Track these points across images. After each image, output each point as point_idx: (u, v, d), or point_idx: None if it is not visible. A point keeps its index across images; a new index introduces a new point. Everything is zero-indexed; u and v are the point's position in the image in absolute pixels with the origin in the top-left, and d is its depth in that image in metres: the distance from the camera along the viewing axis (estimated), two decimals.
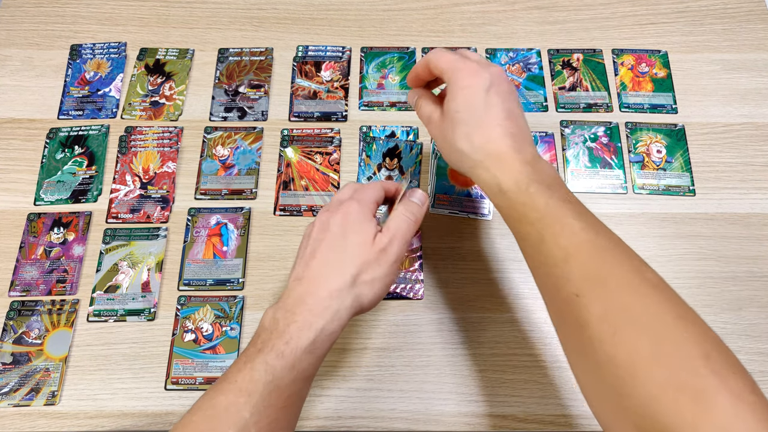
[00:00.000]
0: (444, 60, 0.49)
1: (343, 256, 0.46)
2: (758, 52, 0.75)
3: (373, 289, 0.46)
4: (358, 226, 0.47)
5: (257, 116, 0.72)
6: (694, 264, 0.63)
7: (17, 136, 0.70)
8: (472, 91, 0.47)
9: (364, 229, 0.47)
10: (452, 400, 0.57)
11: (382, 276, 0.46)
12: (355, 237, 0.46)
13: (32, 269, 0.63)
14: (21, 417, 0.57)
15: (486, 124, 0.47)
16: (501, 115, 0.47)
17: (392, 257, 0.47)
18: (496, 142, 0.46)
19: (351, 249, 0.46)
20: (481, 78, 0.47)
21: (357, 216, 0.47)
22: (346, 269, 0.45)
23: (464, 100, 0.47)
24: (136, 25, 0.78)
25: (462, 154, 0.48)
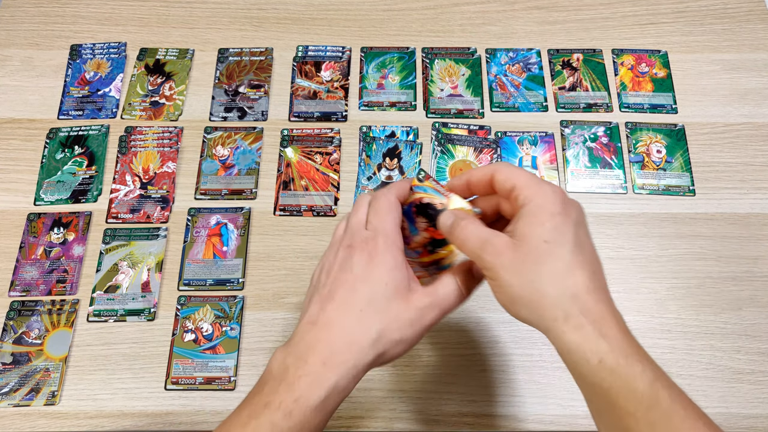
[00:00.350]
0: (521, 175, 0.39)
1: (368, 307, 0.39)
2: (758, 52, 0.75)
3: (397, 349, 0.40)
4: (387, 273, 0.40)
5: (257, 116, 0.72)
6: (694, 264, 0.63)
7: (17, 136, 0.70)
8: (564, 221, 0.37)
9: (395, 277, 0.40)
10: (452, 400, 0.57)
11: (411, 338, 0.40)
12: (383, 286, 0.40)
13: (32, 269, 0.63)
14: (21, 417, 0.57)
15: (582, 265, 0.37)
16: (595, 259, 0.38)
17: (427, 323, 0.40)
18: (595, 293, 0.36)
19: (378, 299, 0.40)
20: (573, 208, 0.39)
21: (384, 257, 0.40)
22: (371, 323, 0.39)
23: (556, 230, 0.37)
24: (136, 25, 0.78)
25: (545, 298, 0.36)
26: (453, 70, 0.74)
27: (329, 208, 0.66)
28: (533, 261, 0.37)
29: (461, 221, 0.41)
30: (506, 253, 0.38)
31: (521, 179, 0.39)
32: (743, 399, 0.57)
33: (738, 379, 0.58)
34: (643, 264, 0.63)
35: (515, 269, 0.37)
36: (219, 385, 0.58)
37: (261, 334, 0.60)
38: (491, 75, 0.74)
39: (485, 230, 0.40)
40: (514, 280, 0.37)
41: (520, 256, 0.37)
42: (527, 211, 0.38)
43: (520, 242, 0.37)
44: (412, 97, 0.73)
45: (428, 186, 0.45)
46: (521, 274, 0.37)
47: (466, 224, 0.40)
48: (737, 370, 0.58)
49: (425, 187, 0.45)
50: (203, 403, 0.57)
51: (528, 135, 0.70)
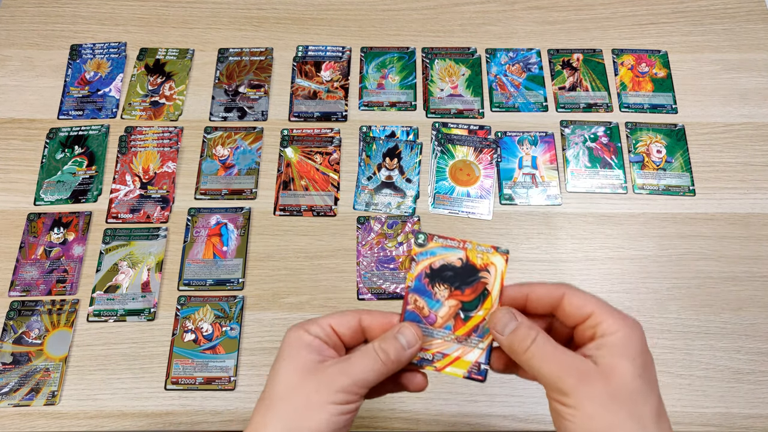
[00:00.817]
0: (599, 303, 0.36)
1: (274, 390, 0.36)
2: (758, 52, 0.75)
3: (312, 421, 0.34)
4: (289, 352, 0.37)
5: (257, 116, 0.72)
6: (694, 264, 0.63)
7: (17, 136, 0.70)
8: (651, 360, 0.35)
9: (298, 355, 0.36)
10: (452, 400, 0.57)
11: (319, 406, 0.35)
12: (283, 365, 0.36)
13: (32, 269, 0.63)
14: (21, 417, 0.57)
15: (664, 413, 0.35)
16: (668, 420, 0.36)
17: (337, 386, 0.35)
18: None
19: (280, 379, 0.36)
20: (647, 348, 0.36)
21: (287, 341, 0.37)
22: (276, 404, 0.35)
23: (646, 367, 0.35)
24: (136, 25, 0.78)
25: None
26: (453, 70, 0.74)
27: (329, 208, 0.66)
28: (626, 396, 0.34)
29: (530, 333, 0.36)
30: (596, 381, 0.34)
31: (602, 307, 0.36)
32: (743, 399, 0.57)
33: (738, 379, 0.58)
34: (643, 264, 0.63)
35: (602, 401, 0.34)
36: (219, 385, 0.58)
37: (261, 334, 0.60)
38: (491, 75, 0.74)
39: (564, 351, 0.36)
40: (597, 412, 0.34)
41: (611, 389, 0.34)
42: (614, 342, 0.35)
43: (610, 372, 0.34)
44: (412, 97, 0.73)
45: (435, 247, 0.40)
46: (612, 409, 0.33)
47: (542, 341, 0.36)
48: (737, 370, 0.58)
49: (431, 250, 0.40)
50: (203, 403, 0.57)
51: (528, 135, 0.70)
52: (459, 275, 0.39)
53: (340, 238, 0.65)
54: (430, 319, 0.39)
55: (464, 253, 0.39)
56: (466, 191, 0.67)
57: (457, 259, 0.39)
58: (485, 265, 0.39)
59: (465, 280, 0.39)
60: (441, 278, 0.39)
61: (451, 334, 0.39)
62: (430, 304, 0.39)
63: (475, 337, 0.39)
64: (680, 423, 0.56)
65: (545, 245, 0.64)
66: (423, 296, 0.39)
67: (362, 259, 0.63)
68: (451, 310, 0.39)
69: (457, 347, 0.39)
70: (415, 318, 0.39)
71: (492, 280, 0.39)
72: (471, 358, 0.39)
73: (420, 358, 0.39)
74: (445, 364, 0.40)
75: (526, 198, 0.67)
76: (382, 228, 0.65)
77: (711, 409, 0.57)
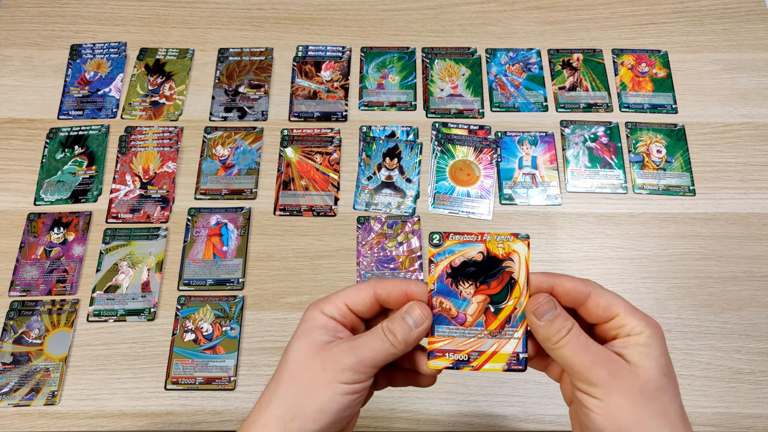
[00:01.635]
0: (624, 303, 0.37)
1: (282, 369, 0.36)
2: (758, 52, 0.75)
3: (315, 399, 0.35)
4: (302, 332, 0.37)
5: (257, 116, 0.72)
6: (694, 264, 0.63)
7: (17, 136, 0.70)
8: (670, 361, 0.37)
9: (311, 335, 0.36)
10: (452, 400, 0.57)
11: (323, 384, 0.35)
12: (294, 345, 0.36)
13: (32, 269, 0.63)
14: (21, 417, 0.57)
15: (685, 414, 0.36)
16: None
17: (343, 365, 0.35)
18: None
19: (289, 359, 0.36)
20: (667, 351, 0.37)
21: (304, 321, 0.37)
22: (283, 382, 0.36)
23: (669, 366, 0.36)
24: (136, 25, 0.78)
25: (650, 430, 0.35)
26: (453, 70, 0.74)
27: (329, 208, 0.66)
28: (654, 393, 0.35)
29: (568, 325, 0.36)
30: (626, 376, 0.35)
31: (627, 309, 0.37)
32: (743, 399, 0.57)
33: (738, 379, 0.58)
34: (643, 264, 0.63)
35: (631, 396, 0.35)
36: (219, 385, 0.58)
37: (261, 334, 0.60)
38: (491, 75, 0.74)
39: (598, 345, 0.36)
40: (625, 406, 0.34)
41: (640, 384, 0.35)
42: (642, 341, 0.36)
43: (638, 369, 0.35)
44: (412, 97, 0.73)
45: (452, 245, 0.39)
46: (640, 403, 0.35)
47: (577, 332, 0.36)
48: (737, 370, 0.58)
49: (448, 248, 0.39)
50: (203, 403, 0.57)
51: (528, 135, 0.70)
52: (482, 269, 0.38)
53: (340, 238, 0.65)
54: (460, 319, 0.38)
55: (484, 245, 0.39)
56: (466, 191, 0.67)
57: (477, 253, 0.39)
58: (507, 254, 0.39)
59: (489, 272, 0.39)
60: (464, 275, 0.39)
61: (484, 330, 0.38)
62: (456, 303, 0.38)
63: (509, 328, 0.38)
64: None
65: (545, 245, 0.64)
66: (448, 297, 0.38)
67: (362, 259, 0.63)
68: (480, 306, 0.38)
69: (492, 342, 0.39)
70: (444, 321, 0.38)
71: (517, 268, 0.38)
72: (508, 350, 0.38)
73: (455, 360, 0.38)
74: (483, 361, 0.39)
75: (526, 198, 0.67)
76: (382, 228, 0.65)
77: (711, 409, 0.57)
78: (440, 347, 0.38)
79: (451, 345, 0.38)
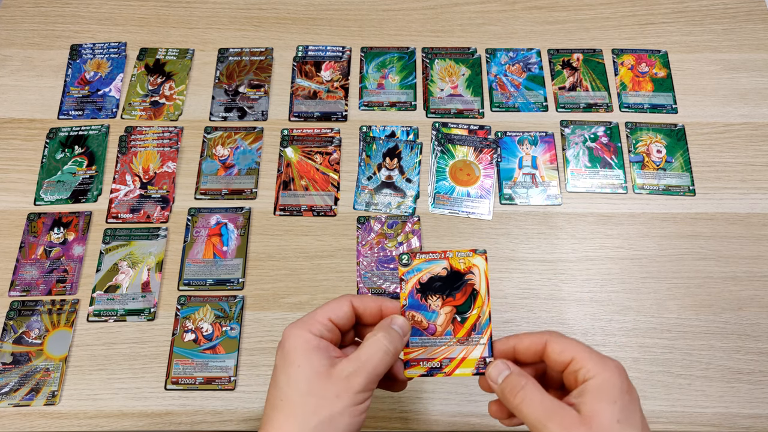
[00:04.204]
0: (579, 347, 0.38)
1: (291, 398, 0.37)
2: (758, 52, 0.75)
3: (340, 425, 0.36)
4: (299, 357, 0.37)
5: (257, 116, 0.72)
6: (694, 264, 0.63)
7: (17, 136, 0.70)
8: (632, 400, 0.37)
9: (310, 360, 0.37)
10: (452, 400, 0.57)
11: (341, 411, 0.36)
12: (297, 372, 0.37)
13: (32, 269, 0.63)
14: (21, 417, 0.57)
15: None
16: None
17: (356, 388, 0.37)
18: None
19: (295, 387, 0.37)
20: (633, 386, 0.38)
21: (293, 344, 0.38)
22: (296, 412, 0.36)
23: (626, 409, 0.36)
24: (136, 25, 0.78)
25: None
26: (453, 70, 0.74)
27: (329, 208, 0.66)
28: None
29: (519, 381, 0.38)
30: (575, 427, 0.35)
31: (581, 352, 0.38)
32: (743, 399, 0.57)
33: (738, 379, 0.58)
34: (643, 264, 0.63)
35: None
36: (219, 385, 0.58)
37: (261, 334, 0.60)
38: (491, 75, 0.74)
39: (550, 399, 0.37)
40: None
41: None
42: (594, 387, 0.36)
43: (590, 419, 0.36)
44: (412, 97, 0.73)
45: (419, 263, 0.43)
46: None
47: (526, 387, 0.38)
48: (737, 370, 0.58)
49: (416, 267, 0.43)
50: (203, 403, 0.57)
51: (528, 135, 0.70)
52: (447, 283, 0.43)
53: (340, 238, 0.65)
54: (430, 329, 0.42)
55: (447, 262, 0.43)
56: (466, 191, 0.67)
57: (441, 269, 0.43)
58: (468, 268, 0.43)
59: (453, 285, 0.43)
60: (431, 290, 0.42)
61: (453, 338, 0.42)
62: (427, 316, 0.42)
63: (474, 335, 0.42)
64: (680, 423, 0.56)
65: (545, 245, 0.64)
66: (419, 311, 0.42)
67: (362, 259, 0.63)
68: (448, 317, 0.42)
69: (460, 349, 0.42)
70: (416, 332, 0.42)
71: (478, 280, 0.43)
72: (476, 355, 0.42)
73: (429, 368, 0.42)
74: (453, 367, 0.42)
75: (526, 198, 0.67)
76: (382, 228, 0.65)
77: (711, 409, 0.57)
78: (415, 357, 0.42)
79: (425, 354, 0.42)
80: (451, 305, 0.42)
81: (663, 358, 0.59)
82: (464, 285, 0.43)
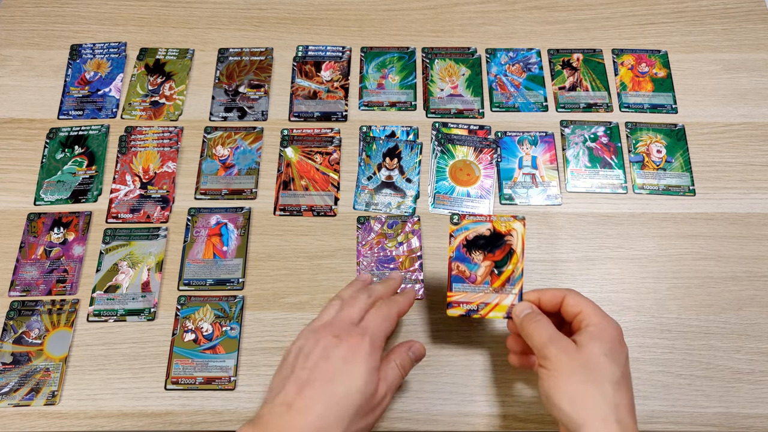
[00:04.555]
0: (589, 304, 0.47)
1: (345, 400, 0.42)
2: (758, 52, 0.75)
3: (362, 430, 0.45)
4: (368, 373, 0.44)
5: (257, 116, 0.72)
6: (694, 264, 0.63)
7: (17, 136, 0.70)
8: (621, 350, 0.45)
9: (373, 379, 0.44)
10: (452, 400, 0.57)
11: (372, 421, 0.45)
12: (361, 383, 0.43)
13: (32, 269, 0.63)
14: (21, 417, 0.57)
15: (628, 388, 0.44)
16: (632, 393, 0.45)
17: (384, 407, 0.46)
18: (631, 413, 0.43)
19: (354, 394, 0.43)
20: (625, 347, 0.46)
21: (368, 358, 0.44)
22: (345, 415, 0.42)
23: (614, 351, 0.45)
24: (136, 25, 0.78)
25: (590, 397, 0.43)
26: (453, 70, 0.74)
27: (329, 208, 0.66)
28: (591, 366, 0.44)
29: (536, 316, 0.48)
30: (571, 353, 0.45)
31: (589, 307, 0.47)
32: (743, 399, 0.57)
33: (738, 379, 0.58)
34: (643, 264, 0.63)
35: (574, 367, 0.44)
36: (219, 385, 0.58)
37: (261, 334, 0.60)
38: (491, 75, 0.74)
39: (556, 331, 0.47)
40: (570, 375, 0.44)
41: (582, 359, 0.44)
42: (592, 330, 0.46)
43: (582, 348, 0.45)
44: (412, 97, 0.73)
45: (467, 224, 0.52)
46: (578, 372, 0.43)
47: (540, 320, 0.48)
48: (737, 370, 0.58)
49: (465, 226, 0.52)
50: (203, 403, 0.57)
51: (528, 135, 0.70)
52: (489, 242, 0.52)
53: (340, 238, 0.65)
54: (472, 278, 0.52)
55: (491, 224, 0.52)
56: (466, 191, 0.67)
57: (486, 229, 0.52)
58: (508, 230, 0.52)
59: (494, 244, 0.52)
60: (476, 246, 0.52)
61: (490, 287, 0.52)
62: (470, 267, 0.52)
63: (508, 286, 0.51)
64: (680, 423, 0.56)
65: (545, 245, 0.64)
66: (463, 262, 0.52)
67: (362, 259, 0.63)
68: (487, 269, 0.52)
69: (495, 296, 0.51)
70: (459, 280, 0.52)
71: (515, 241, 0.52)
72: (507, 302, 0.51)
73: (468, 310, 0.52)
74: (488, 311, 0.51)
75: (526, 198, 0.67)
76: (382, 228, 0.65)
77: (711, 409, 0.57)
78: (456, 300, 0.52)
79: (465, 298, 0.52)
80: (491, 260, 0.52)
81: (663, 358, 0.59)
82: (504, 244, 0.52)
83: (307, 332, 0.47)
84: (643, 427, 0.56)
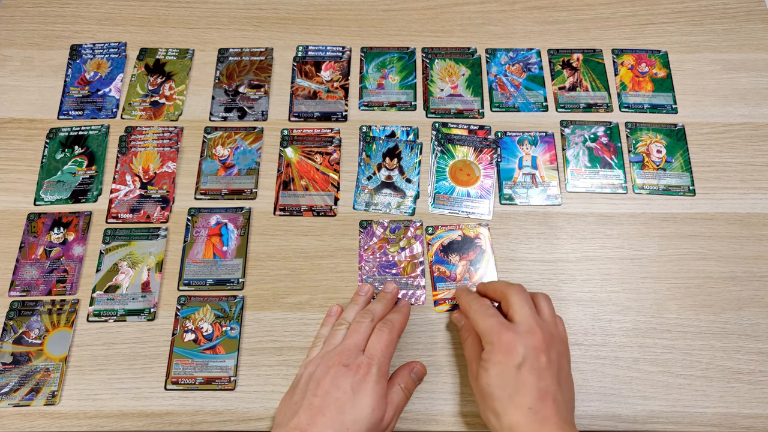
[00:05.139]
0: (483, 324, 0.50)
1: (353, 426, 0.45)
2: (758, 52, 0.75)
3: None
4: (375, 401, 0.47)
5: (257, 116, 0.72)
6: (694, 264, 0.63)
7: (17, 136, 0.70)
8: (503, 368, 0.47)
9: (380, 406, 0.47)
10: (452, 400, 0.57)
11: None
12: (369, 411, 0.46)
13: (32, 269, 0.63)
14: (21, 417, 0.57)
15: (516, 405, 0.46)
16: (533, 396, 0.46)
17: (391, 429, 0.49)
18: (523, 427, 0.45)
19: (362, 422, 0.46)
20: (514, 354, 0.47)
21: (375, 386, 0.47)
22: None
23: (496, 375, 0.47)
24: (136, 25, 0.78)
25: (489, 424, 0.49)
26: (453, 70, 0.74)
27: (329, 208, 0.66)
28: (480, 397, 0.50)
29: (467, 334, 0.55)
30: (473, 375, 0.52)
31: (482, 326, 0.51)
32: (743, 399, 0.57)
33: (738, 379, 0.58)
34: (643, 264, 0.63)
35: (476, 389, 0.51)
36: (219, 385, 0.58)
37: (261, 334, 0.60)
38: (491, 75, 0.74)
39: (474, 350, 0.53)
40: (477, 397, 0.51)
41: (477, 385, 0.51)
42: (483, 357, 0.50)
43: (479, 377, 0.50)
44: (412, 97, 0.73)
45: (440, 233, 0.63)
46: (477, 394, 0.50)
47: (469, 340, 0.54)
48: (737, 370, 0.58)
49: (438, 235, 0.63)
50: (203, 403, 0.57)
51: (528, 135, 0.70)
52: (462, 245, 0.62)
53: (340, 238, 0.65)
54: (452, 277, 0.61)
55: (461, 231, 0.63)
56: (466, 191, 0.67)
57: (457, 236, 0.63)
58: (477, 234, 0.63)
59: (467, 247, 0.63)
60: (451, 250, 0.62)
61: (469, 283, 0.60)
62: (449, 268, 0.62)
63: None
64: (680, 423, 0.56)
65: (545, 245, 0.64)
66: (443, 264, 0.62)
67: (364, 264, 0.63)
68: (464, 268, 0.62)
69: None
70: (441, 280, 0.61)
71: (484, 243, 0.63)
72: None
73: (453, 305, 0.60)
74: None
75: (526, 198, 0.67)
76: (385, 233, 0.65)
77: (711, 409, 0.57)
78: (441, 297, 0.61)
79: (448, 295, 0.61)
80: (466, 260, 0.62)
81: (663, 358, 0.59)
82: (474, 246, 0.63)
83: (317, 359, 0.50)
84: (643, 427, 0.56)
